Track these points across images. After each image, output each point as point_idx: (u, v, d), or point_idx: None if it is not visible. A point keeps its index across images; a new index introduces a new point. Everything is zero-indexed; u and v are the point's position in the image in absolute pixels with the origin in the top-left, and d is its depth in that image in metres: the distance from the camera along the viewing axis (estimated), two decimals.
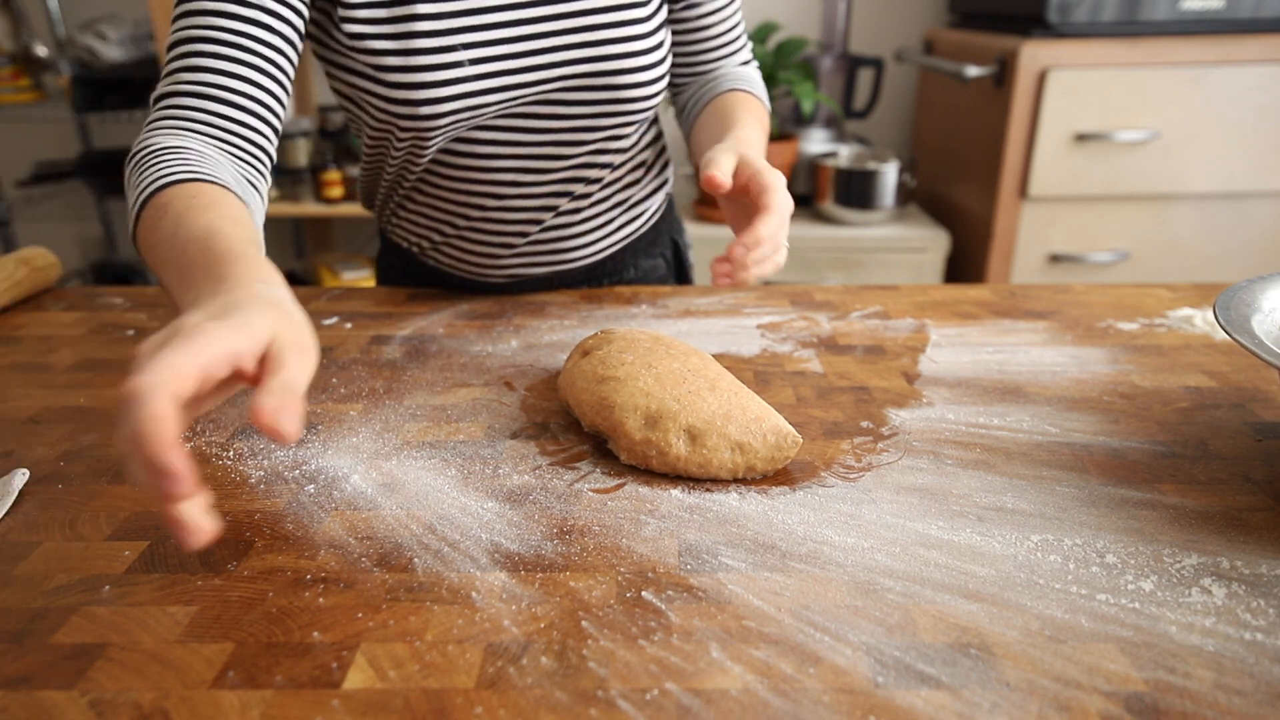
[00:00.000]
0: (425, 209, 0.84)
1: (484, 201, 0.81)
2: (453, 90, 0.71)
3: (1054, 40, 1.67)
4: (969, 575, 0.43)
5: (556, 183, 0.81)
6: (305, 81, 2.42)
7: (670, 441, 0.52)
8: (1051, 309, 0.81)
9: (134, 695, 0.36)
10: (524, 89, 0.74)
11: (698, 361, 0.59)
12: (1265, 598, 0.41)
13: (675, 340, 0.63)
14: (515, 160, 0.79)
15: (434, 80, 0.70)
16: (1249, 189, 1.74)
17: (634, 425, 0.53)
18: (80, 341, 0.75)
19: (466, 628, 0.40)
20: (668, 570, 0.44)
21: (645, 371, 0.56)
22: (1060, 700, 0.35)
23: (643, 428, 0.53)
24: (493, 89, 0.72)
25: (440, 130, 0.73)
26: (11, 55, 2.20)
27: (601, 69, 0.75)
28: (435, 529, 0.47)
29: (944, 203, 2.11)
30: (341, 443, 0.57)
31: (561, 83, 0.74)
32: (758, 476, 0.53)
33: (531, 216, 0.83)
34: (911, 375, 0.67)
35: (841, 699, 0.35)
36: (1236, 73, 1.65)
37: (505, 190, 0.80)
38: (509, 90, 0.73)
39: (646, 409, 0.53)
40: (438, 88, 0.70)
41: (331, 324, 0.78)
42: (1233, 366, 0.68)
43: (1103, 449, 0.56)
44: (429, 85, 0.70)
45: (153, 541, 0.46)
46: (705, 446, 0.52)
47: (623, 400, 0.54)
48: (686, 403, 0.53)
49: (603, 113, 0.78)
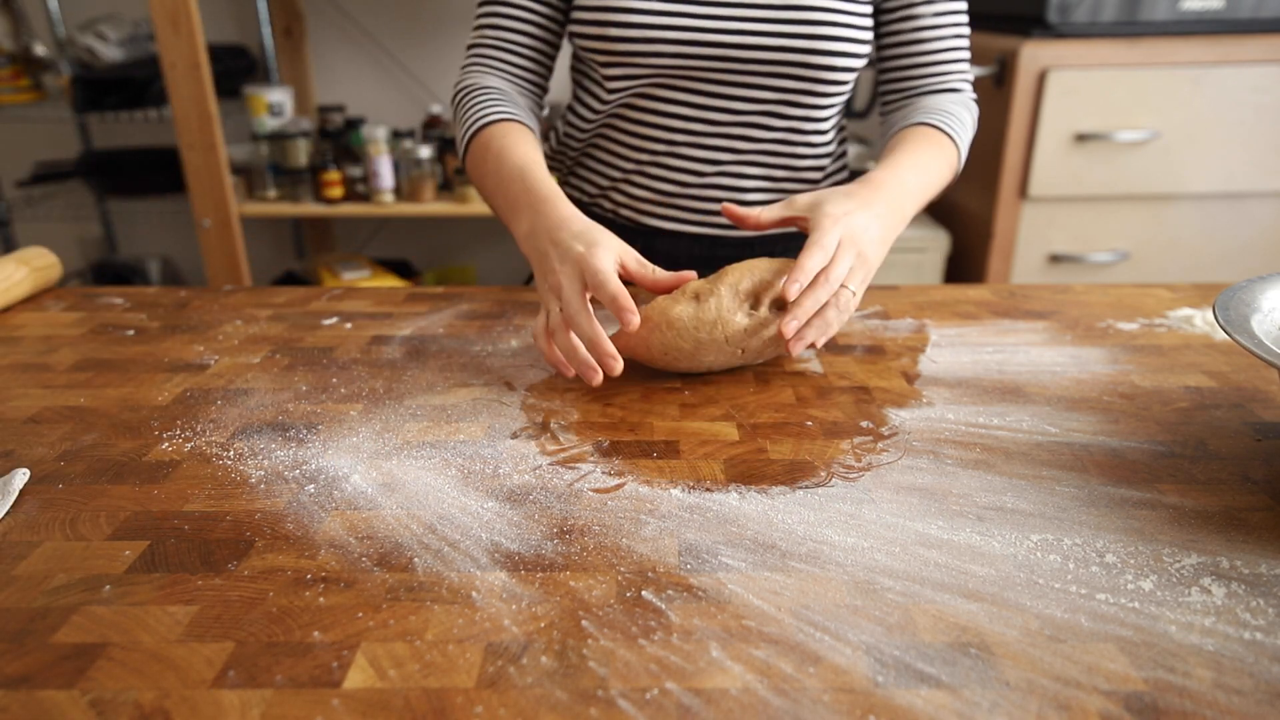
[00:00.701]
0: (606, 149, 0.91)
1: (658, 144, 0.87)
2: (642, 18, 0.79)
3: (1054, 40, 1.67)
4: (969, 575, 0.43)
5: (726, 137, 0.86)
6: (305, 81, 2.42)
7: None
8: (1051, 309, 0.81)
9: (134, 695, 0.36)
10: (709, 31, 0.79)
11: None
12: (1265, 597, 0.41)
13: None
14: (693, 109, 0.84)
15: (623, 6, 0.79)
16: (1249, 189, 1.74)
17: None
18: (80, 341, 0.75)
19: (466, 627, 0.40)
20: (668, 570, 0.44)
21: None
22: (1060, 700, 0.35)
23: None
24: (680, 27, 0.79)
25: (630, 61, 0.81)
26: (11, 55, 2.20)
27: (796, 32, 0.79)
28: (435, 529, 0.47)
29: (944, 203, 2.11)
30: (341, 443, 0.57)
31: (747, 35, 0.79)
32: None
33: (705, 159, 0.87)
34: (911, 375, 0.67)
35: (841, 698, 0.35)
36: (1236, 73, 1.65)
37: (678, 136, 0.86)
38: (695, 32, 0.79)
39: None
40: (626, 14, 0.79)
41: (331, 324, 0.79)
42: (1233, 366, 0.68)
43: (1102, 449, 0.56)
44: (619, 9, 0.79)
45: (153, 541, 0.46)
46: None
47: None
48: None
49: (786, 74, 0.81)
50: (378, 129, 2.08)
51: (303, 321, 0.79)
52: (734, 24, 0.79)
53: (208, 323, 0.79)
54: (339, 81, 2.47)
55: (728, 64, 0.81)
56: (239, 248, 2.10)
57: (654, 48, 0.80)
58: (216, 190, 2.04)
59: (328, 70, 2.46)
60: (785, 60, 0.80)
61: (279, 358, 0.71)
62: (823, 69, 0.80)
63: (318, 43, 2.43)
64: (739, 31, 0.79)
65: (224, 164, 2.02)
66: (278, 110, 2.20)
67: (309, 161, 2.14)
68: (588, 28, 0.81)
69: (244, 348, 0.73)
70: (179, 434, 0.58)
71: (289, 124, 2.16)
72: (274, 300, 0.85)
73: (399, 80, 2.45)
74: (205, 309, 0.83)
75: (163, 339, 0.75)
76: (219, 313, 0.81)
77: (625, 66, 0.82)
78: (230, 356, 0.71)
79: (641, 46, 0.80)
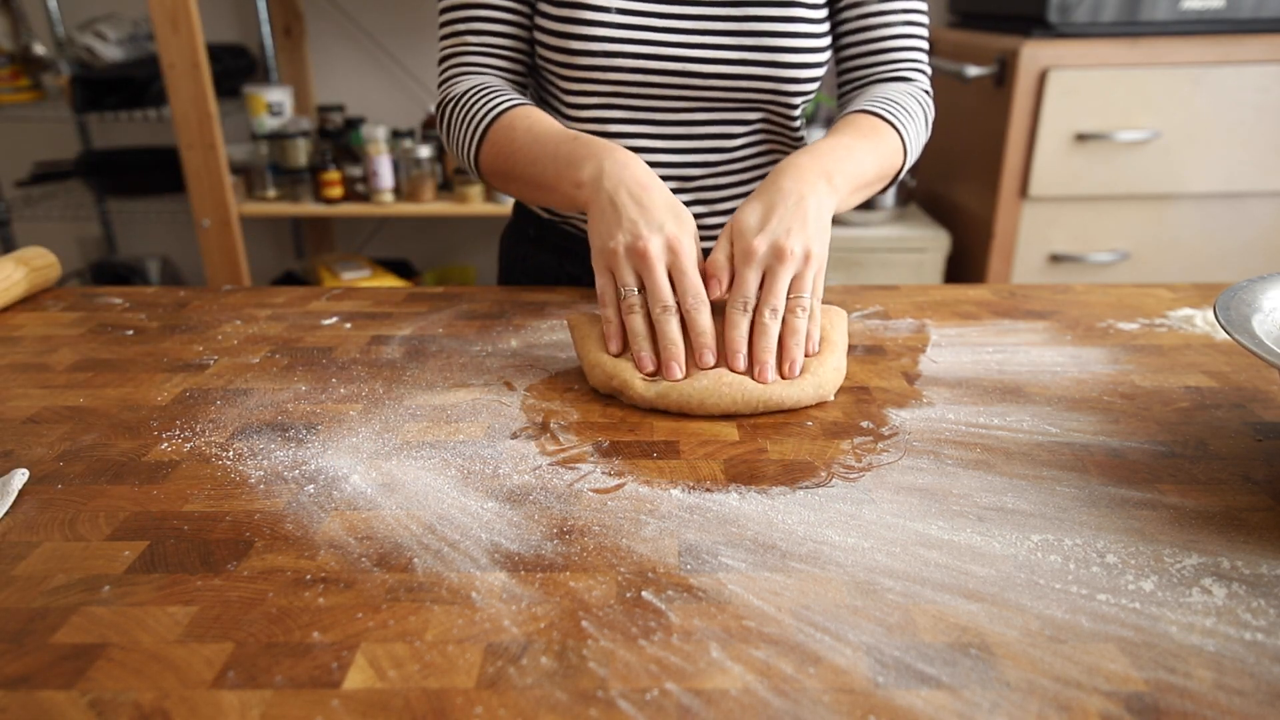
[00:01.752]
0: None
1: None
2: (598, 32, 0.77)
3: (1054, 40, 1.67)
4: (969, 575, 0.43)
5: (697, 151, 0.84)
6: (305, 81, 2.42)
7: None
8: (1051, 309, 0.81)
9: (134, 695, 0.36)
10: (668, 46, 0.77)
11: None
12: (1265, 598, 0.41)
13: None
14: (656, 126, 0.83)
15: (585, 19, 0.77)
16: (1249, 189, 1.74)
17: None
18: (80, 341, 0.75)
19: (466, 628, 0.40)
20: (668, 570, 0.44)
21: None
22: (1060, 700, 0.35)
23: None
24: (642, 40, 0.77)
25: (589, 72, 0.78)
26: (11, 55, 2.20)
27: (757, 44, 0.77)
28: (435, 529, 0.47)
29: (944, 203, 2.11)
30: (341, 443, 0.57)
31: (708, 50, 0.78)
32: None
33: (678, 175, 0.86)
34: (911, 375, 0.67)
35: (841, 699, 0.35)
36: (1236, 73, 1.65)
37: (648, 155, 0.83)
38: (652, 45, 0.77)
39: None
40: (588, 26, 0.77)
41: (331, 324, 0.78)
42: (1233, 366, 0.68)
43: (1103, 449, 0.56)
44: (581, 23, 0.77)
45: (152, 542, 0.46)
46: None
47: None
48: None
49: (747, 86, 0.79)
50: (377, 129, 2.08)
51: (302, 321, 0.79)
52: (696, 37, 0.77)
53: (207, 323, 0.79)
54: (339, 81, 2.47)
55: (689, 78, 0.79)
56: (238, 248, 2.10)
57: (615, 61, 0.78)
58: (216, 190, 2.04)
59: (327, 70, 2.46)
60: (747, 74, 0.78)
61: (278, 358, 0.71)
62: (784, 79, 0.79)
63: (317, 42, 2.43)
64: (699, 44, 0.77)
65: (223, 164, 2.02)
66: (277, 110, 2.20)
67: (308, 161, 2.14)
68: (549, 38, 0.79)
69: (243, 348, 0.73)
70: (178, 434, 0.58)
71: (288, 124, 2.16)
72: (273, 300, 0.85)
73: (399, 80, 2.45)
74: (204, 309, 0.83)
75: (162, 339, 0.75)
76: (218, 313, 0.81)
77: (587, 82, 0.80)
78: (229, 357, 0.71)
79: (602, 60, 0.78)
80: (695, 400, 0.59)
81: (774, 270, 0.61)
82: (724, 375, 0.59)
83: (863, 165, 0.71)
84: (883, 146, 0.75)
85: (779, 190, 0.64)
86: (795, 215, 0.63)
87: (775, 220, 0.62)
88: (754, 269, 0.62)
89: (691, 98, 0.81)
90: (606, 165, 0.66)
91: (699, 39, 0.78)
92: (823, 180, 0.66)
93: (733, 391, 0.59)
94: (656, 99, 0.81)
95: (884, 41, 0.82)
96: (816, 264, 0.63)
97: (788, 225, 0.62)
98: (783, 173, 0.66)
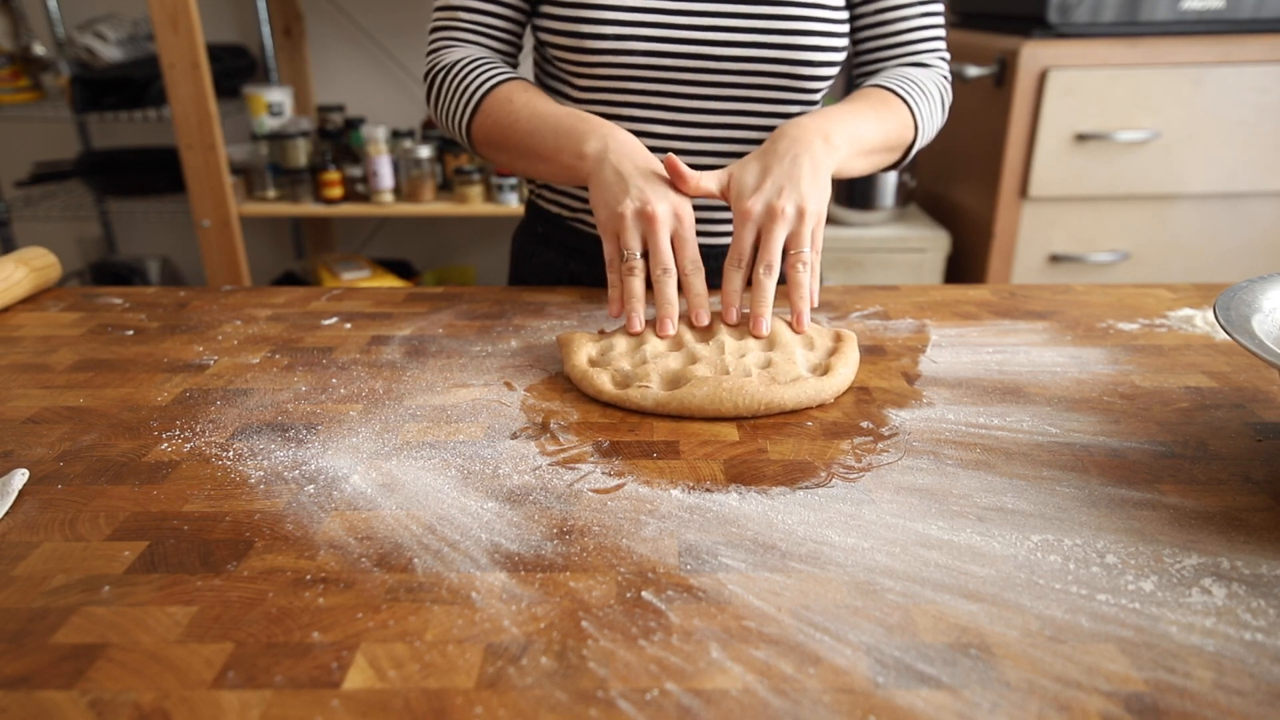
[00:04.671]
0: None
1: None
2: (610, 16, 0.76)
3: (1054, 40, 1.67)
4: (969, 575, 0.43)
5: (709, 140, 0.84)
6: (305, 81, 2.42)
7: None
8: (1052, 309, 0.81)
9: (134, 695, 0.36)
10: (682, 29, 0.77)
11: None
12: (1265, 598, 0.41)
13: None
14: (669, 113, 0.82)
15: (597, 3, 0.76)
16: (1249, 189, 1.74)
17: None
18: (80, 341, 0.75)
19: (466, 628, 0.40)
20: (668, 570, 0.44)
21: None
22: (1060, 700, 0.35)
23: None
24: (654, 24, 0.77)
25: (600, 56, 0.78)
26: (11, 55, 2.20)
27: (773, 28, 0.77)
28: (435, 529, 0.47)
29: (944, 203, 2.11)
30: (341, 443, 0.57)
31: (722, 34, 0.77)
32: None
33: (689, 164, 0.86)
34: (911, 375, 0.67)
35: (841, 699, 0.35)
36: (1236, 73, 1.65)
37: (659, 141, 0.83)
38: (665, 28, 0.77)
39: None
40: (600, 10, 0.77)
41: (331, 324, 0.78)
42: (1233, 367, 0.68)
43: (1103, 449, 0.56)
44: (593, 6, 0.77)
45: (152, 542, 0.46)
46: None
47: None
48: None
49: (763, 71, 0.79)
50: (377, 129, 2.08)
51: (302, 322, 0.79)
52: (709, 20, 0.77)
53: (207, 323, 0.79)
54: (338, 81, 2.47)
55: (704, 64, 0.79)
56: (238, 248, 2.10)
57: (627, 45, 0.77)
58: (216, 190, 2.04)
59: (327, 70, 2.46)
60: (763, 58, 0.78)
61: (278, 358, 0.71)
62: (802, 64, 0.79)
63: (317, 42, 2.43)
64: (714, 29, 0.77)
65: (223, 164, 2.02)
66: (277, 110, 2.20)
67: (308, 161, 2.14)
68: (558, 23, 0.79)
69: (243, 348, 0.73)
70: (178, 434, 0.58)
71: (288, 124, 2.15)
72: (273, 300, 0.85)
73: (399, 80, 2.45)
74: (205, 309, 0.83)
75: (162, 339, 0.75)
76: (218, 313, 0.81)
77: (598, 67, 0.79)
78: (230, 357, 0.71)
79: (614, 44, 0.77)
80: (694, 406, 0.59)
81: (768, 229, 0.65)
82: (723, 382, 0.60)
83: (866, 129, 0.74)
84: (890, 117, 0.77)
85: (774, 151, 0.67)
86: (790, 174, 0.65)
87: (769, 181, 0.66)
88: (749, 229, 0.65)
89: (706, 83, 0.80)
90: (611, 142, 0.69)
91: (714, 21, 0.77)
92: (819, 139, 0.68)
93: (733, 397, 0.59)
94: (670, 84, 0.80)
95: (902, 35, 0.84)
96: (813, 220, 0.66)
97: (780, 184, 0.65)
98: (782, 133, 0.69)
